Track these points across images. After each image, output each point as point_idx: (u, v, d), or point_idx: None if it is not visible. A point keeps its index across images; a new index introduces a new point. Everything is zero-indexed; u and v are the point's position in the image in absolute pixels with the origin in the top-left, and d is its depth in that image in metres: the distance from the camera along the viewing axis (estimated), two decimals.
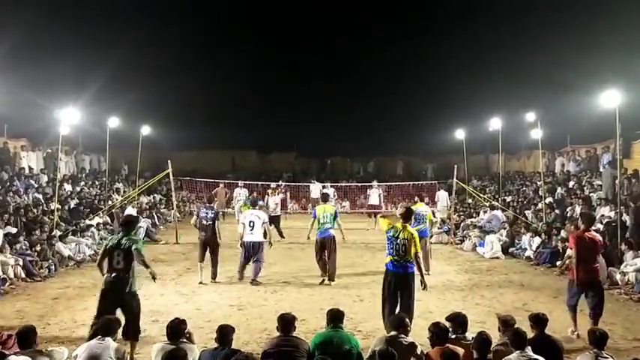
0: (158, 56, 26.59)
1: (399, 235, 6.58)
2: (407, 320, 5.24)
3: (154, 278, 6.56)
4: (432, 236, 13.59)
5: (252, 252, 9.73)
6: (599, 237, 7.14)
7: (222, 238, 10.31)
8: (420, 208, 10.81)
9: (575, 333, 6.91)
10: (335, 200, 18.63)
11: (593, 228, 7.60)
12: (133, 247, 6.09)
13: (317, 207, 10.25)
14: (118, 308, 5.96)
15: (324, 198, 10.53)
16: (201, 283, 9.71)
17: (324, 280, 9.77)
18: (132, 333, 5.95)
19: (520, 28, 23.22)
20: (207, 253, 10.01)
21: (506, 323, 5.17)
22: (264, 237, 9.99)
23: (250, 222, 9.71)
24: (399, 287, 6.53)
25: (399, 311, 6.26)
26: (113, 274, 6.07)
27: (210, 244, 9.91)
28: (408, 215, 6.80)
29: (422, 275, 6.82)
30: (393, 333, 5.08)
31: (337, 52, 30.39)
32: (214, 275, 9.92)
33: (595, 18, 19.35)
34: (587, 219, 7.25)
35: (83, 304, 8.38)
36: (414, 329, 6.76)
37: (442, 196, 18.90)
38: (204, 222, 9.92)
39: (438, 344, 4.78)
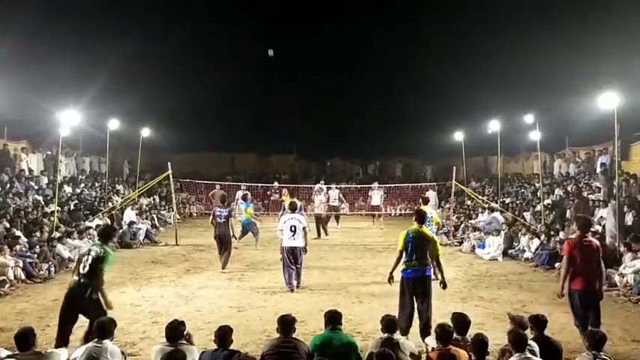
0: (158, 58, 26.60)
1: (418, 235, 6.64)
2: (397, 321, 5.26)
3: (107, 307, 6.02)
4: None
5: (292, 257, 9.33)
6: (597, 242, 6.61)
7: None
8: (426, 210, 10.48)
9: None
10: (338, 202, 18.64)
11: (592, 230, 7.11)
12: (102, 261, 5.95)
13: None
14: (79, 314, 5.93)
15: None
16: (222, 272, 10.79)
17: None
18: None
19: (519, 30, 23.24)
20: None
21: (521, 326, 5.18)
22: (304, 242, 9.52)
23: (292, 227, 9.33)
24: (416, 291, 6.54)
25: (420, 313, 6.51)
26: (75, 278, 5.99)
27: (223, 237, 10.89)
28: (420, 217, 6.86)
29: (442, 275, 6.87)
30: (386, 335, 5.11)
31: (337, 53, 30.42)
32: (224, 265, 10.89)
33: (594, 20, 19.38)
34: (583, 223, 6.72)
35: None
36: (414, 330, 6.82)
37: (431, 195, 19.67)
38: (219, 219, 10.93)
39: (442, 345, 4.80)
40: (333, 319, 5.20)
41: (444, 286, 6.91)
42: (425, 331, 6.36)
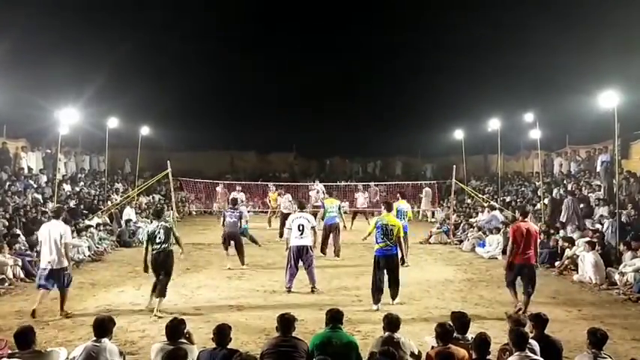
0: (157, 57, 26.59)
1: (386, 222, 8.26)
2: (399, 320, 5.22)
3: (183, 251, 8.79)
4: (430, 236, 15.52)
5: (299, 257, 9.19)
6: (534, 227, 8.24)
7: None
8: (402, 205, 11.86)
9: (518, 306, 7.83)
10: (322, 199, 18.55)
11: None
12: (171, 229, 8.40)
13: (325, 200, 12.61)
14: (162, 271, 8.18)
15: (330, 192, 14.00)
16: (229, 268, 11.13)
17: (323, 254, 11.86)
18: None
19: (519, 29, 23.22)
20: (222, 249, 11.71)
21: (518, 323, 5.17)
22: (313, 241, 9.51)
23: (300, 225, 9.24)
24: (385, 266, 8.21)
25: (390, 288, 8.25)
26: (155, 247, 8.25)
27: (234, 237, 11.43)
28: (388, 207, 8.65)
29: (403, 254, 8.79)
30: (387, 334, 5.09)
31: (337, 53, 30.39)
32: (242, 262, 11.39)
33: (593, 19, 19.36)
34: (522, 212, 8.68)
35: (82, 304, 8.39)
36: (414, 329, 6.82)
37: (427, 192, 20.78)
38: (230, 219, 11.46)
39: (442, 344, 4.79)
40: (334, 318, 5.18)
41: (403, 262, 8.93)
42: (394, 295, 8.30)
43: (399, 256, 8.56)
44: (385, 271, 8.22)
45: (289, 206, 15.82)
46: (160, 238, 8.13)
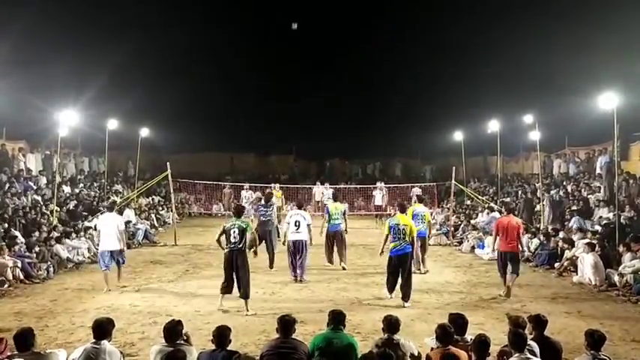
0: (157, 58, 26.57)
1: (397, 222, 8.62)
2: (399, 322, 5.22)
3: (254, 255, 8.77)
4: (430, 237, 14.67)
5: (295, 250, 10.15)
6: (516, 220, 9.46)
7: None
8: (419, 208, 11.38)
9: (503, 292, 9.12)
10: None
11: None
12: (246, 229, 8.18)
13: (330, 205, 11.92)
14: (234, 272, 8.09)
15: (335, 197, 13.34)
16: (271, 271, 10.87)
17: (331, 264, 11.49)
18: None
19: (518, 30, 23.24)
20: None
21: (518, 326, 5.16)
22: (309, 236, 10.41)
23: (296, 222, 10.24)
24: (399, 265, 8.54)
25: (402, 289, 8.49)
26: (229, 246, 8.15)
27: (266, 237, 11.07)
28: (402, 208, 9.12)
29: (418, 259, 9.66)
30: (386, 335, 5.09)
31: (336, 54, 30.39)
32: (271, 265, 11.05)
33: (593, 20, 19.37)
34: (506, 207, 10.04)
35: (81, 306, 8.38)
36: (414, 331, 6.83)
37: (418, 192, 20.98)
38: (263, 218, 11.28)
39: (442, 345, 4.78)
40: (336, 319, 5.18)
41: (419, 268, 10.28)
42: (405, 296, 8.47)
43: (414, 256, 9.03)
44: (399, 270, 8.53)
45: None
46: (234, 237, 8.08)
